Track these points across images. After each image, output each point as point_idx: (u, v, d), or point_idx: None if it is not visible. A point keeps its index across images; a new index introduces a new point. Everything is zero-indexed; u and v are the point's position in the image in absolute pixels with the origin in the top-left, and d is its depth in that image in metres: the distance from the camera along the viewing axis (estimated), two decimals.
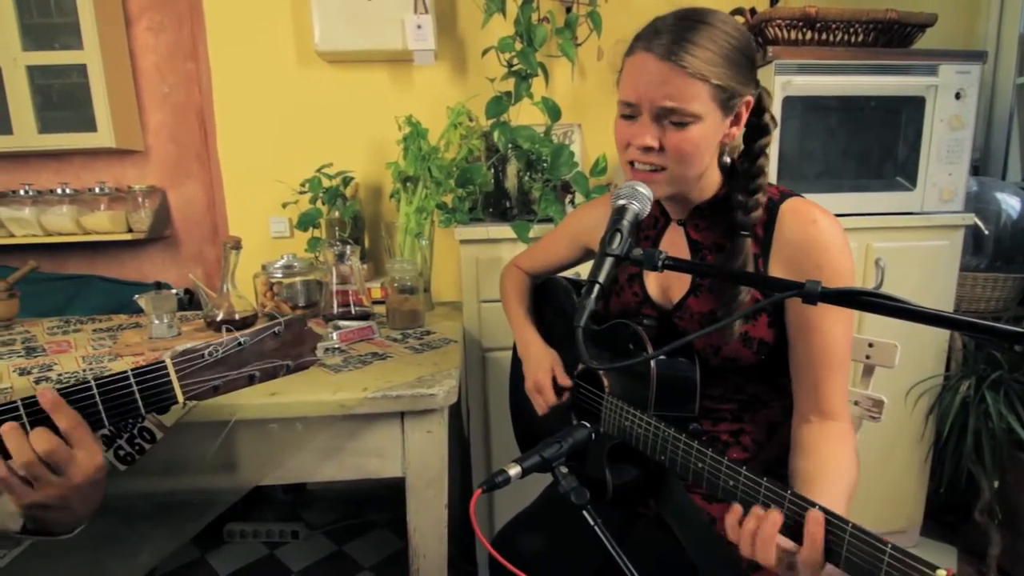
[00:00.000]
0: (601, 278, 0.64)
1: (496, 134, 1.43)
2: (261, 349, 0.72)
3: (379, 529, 1.89)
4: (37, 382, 1.04)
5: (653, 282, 0.89)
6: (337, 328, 1.27)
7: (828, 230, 0.76)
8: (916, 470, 1.66)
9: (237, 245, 1.32)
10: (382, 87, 1.79)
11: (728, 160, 0.84)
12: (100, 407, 0.63)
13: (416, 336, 1.32)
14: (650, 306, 0.89)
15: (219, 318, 1.33)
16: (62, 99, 1.88)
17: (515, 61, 1.55)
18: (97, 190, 1.92)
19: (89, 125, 1.86)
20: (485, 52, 1.56)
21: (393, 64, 1.77)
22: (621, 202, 0.70)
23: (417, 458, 1.00)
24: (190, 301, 1.46)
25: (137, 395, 0.64)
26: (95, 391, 0.62)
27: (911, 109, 1.51)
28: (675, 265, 0.63)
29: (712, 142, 0.76)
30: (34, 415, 0.60)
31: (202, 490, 0.94)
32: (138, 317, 1.58)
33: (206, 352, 0.68)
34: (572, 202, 1.59)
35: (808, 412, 0.79)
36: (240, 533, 1.80)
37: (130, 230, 1.94)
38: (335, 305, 1.41)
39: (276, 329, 0.73)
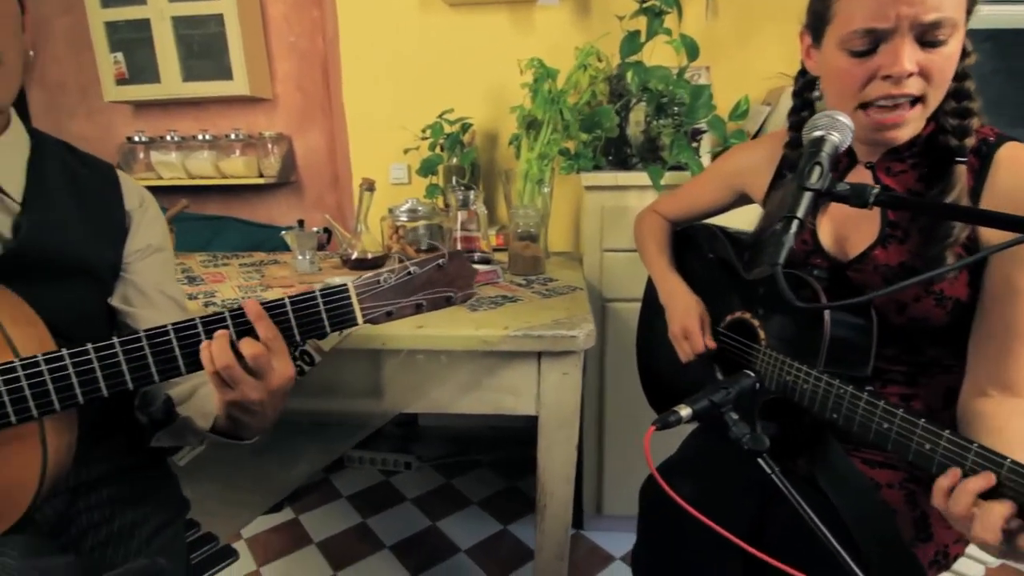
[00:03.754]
0: (800, 213, 0.59)
1: (629, 75, 1.36)
2: (428, 279, 0.74)
3: (483, 468, 1.97)
4: (205, 306, 1.14)
5: (827, 230, 0.82)
6: None
7: None
8: None
9: (371, 187, 1.36)
10: (502, 30, 1.75)
11: None
12: (292, 322, 0.67)
13: (540, 282, 1.31)
14: (821, 256, 0.82)
15: (353, 256, 1.39)
16: (202, 49, 1.99)
17: None
18: (233, 136, 2.05)
19: (226, 74, 1.97)
20: None
21: (514, 6, 1.73)
22: (819, 133, 0.64)
23: (551, 398, 1.01)
24: (328, 239, 1.54)
25: (324, 314, 0.68)
26: (288, 308, 0.67)
27: None
28: (891, 201, 0.56)
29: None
30: (239, 325, 0.65)
31: (353, 412, 1.01)
32: (276, 255, 1.70)
33: (381, 279, 0.71)
34: (697, 150, 1.50)
35: (987, 384, 0.70)
36: (359, 459, 1.94)
37: (261, 175, 2.07)
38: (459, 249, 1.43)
39: (441, 261, 0.74)
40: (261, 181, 2.04)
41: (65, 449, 0.66)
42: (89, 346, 0.61)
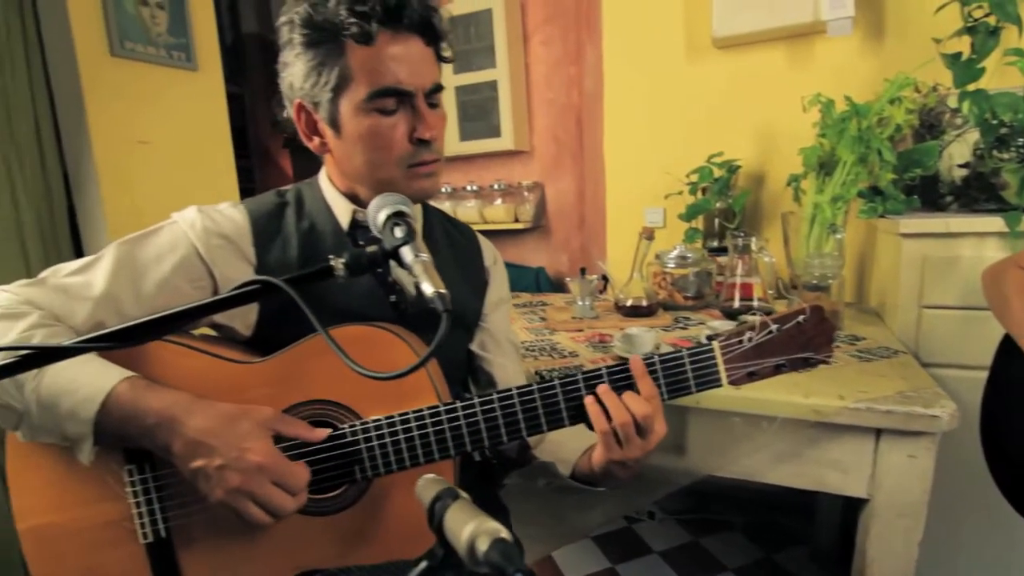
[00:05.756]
0: None
1: (966, 105, 1.17)
2: (787, 338, 0.70)
3: (733, 532, 1.81)
4: None
5: None
6: None
7: None
8: None
9: (651, 236, 1.38)
10: (774, 66, 1.66)
11: None
12: (661, 380, 0.68)
13: (845, 341, 1.18)
14: None
15: (628, 303, 1.41)
16: (476, 112, 2.27)
17: (976, 14, 1.26)
18: (495, 187, 2.28)
19: (494, 132, 2.21)
20: (940, 8, 1.30)
21: (791, 40, 1.63)
22: None
23: (892, 482, 0.88)
24: (605, 287, 1.59)
25: (690, 373, 0.68)
26: (658, 367, 0.68)
27: None
28: None
29: None
30: (615, 380, 0.67)
31: (656, 467, 0.99)
32: (543, 296, 1.81)
33: (744, 338, 0.69)
34: None
35: None
36: None
37: (517, 219, 2.26)
38: (737, 298, 1.36)
39: (801, 319, 0.70)
40: (519, 226, 2.22)
41: (455, 479, 0.75)
42: (494, 394, 0.68)
